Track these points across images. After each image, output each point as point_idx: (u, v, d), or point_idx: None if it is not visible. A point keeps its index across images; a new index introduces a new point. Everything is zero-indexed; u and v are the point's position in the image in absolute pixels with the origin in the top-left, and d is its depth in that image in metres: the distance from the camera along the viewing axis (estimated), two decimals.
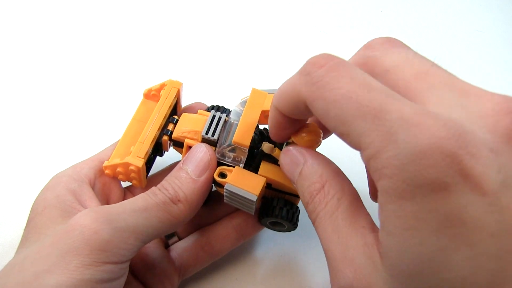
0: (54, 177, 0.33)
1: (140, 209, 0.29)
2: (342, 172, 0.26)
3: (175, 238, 0.37)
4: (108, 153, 0.35)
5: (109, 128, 0.46)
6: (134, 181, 0.35)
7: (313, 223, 0.26)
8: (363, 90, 0.20)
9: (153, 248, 0.36)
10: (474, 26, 0.61)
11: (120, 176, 0.34)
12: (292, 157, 0.28)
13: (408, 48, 0.24)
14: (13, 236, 0.28)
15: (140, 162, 0.33)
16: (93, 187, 0.33)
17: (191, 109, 0.39)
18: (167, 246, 0.37)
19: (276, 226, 0.36)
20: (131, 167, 0.33)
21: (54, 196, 0.31)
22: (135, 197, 0.30)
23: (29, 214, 0.31)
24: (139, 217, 0.28)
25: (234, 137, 0.30)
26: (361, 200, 0.25)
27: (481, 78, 0.55)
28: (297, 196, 0.34)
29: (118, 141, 0.36)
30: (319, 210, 0.25)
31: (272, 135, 0.29)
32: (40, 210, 0.30)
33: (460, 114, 0.19)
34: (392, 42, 0.25)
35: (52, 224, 0.29)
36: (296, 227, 0.35)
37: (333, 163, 0.27)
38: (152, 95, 0.38)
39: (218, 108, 0.38)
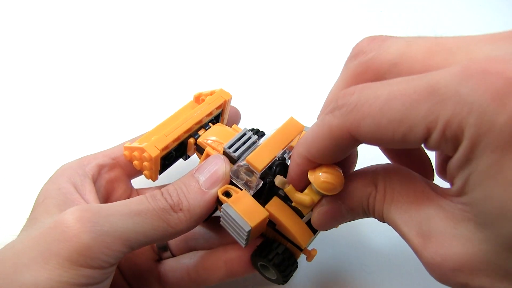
0: (59, 168, 0.32)
1: (132, 213, 0.26)
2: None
3: (168, 253, 0.35)
4: (118, 149, 0.34)
5: (109, 127, 0.47)
6: (146, 172, 0.34)
7: (382, 221, 0.24)
8: (402, 84, 0.20)
9: (144, 259, 0.34)
10: (474, 26, 0.61)
11: (135, 162, 0.34)
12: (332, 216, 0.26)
13: (396, 36, 0.23)
14: (16, 233, 0.29)
15: (155, 152, 0.31)
16: (95, 182, 0.32)
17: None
18: (159, 258, 0.35)
19: (266, 271, 0.32)
20: (145, 154, 0.32)
21: (56, 188, 0.30)
22: (131, 198, 0.28)
23: (33, 205, 0.30)
24: (130, 222, 0.26)
25: (249, 156, 0.28)
26: (404, 167, 0.24)
27: None
28: (300, 249, 0.30)
29: (131, 138, 0.35)
30: (382, 209, 0.24)
31: (292, 182, 0.27)
32: (40, 201, 0.30)
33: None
34: (379, 38, 0.24)
35: (48, 215, 0.28)
36: (286, 281, 0.31)
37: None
38: (201, 100, 0.37)
39: (257, 132, 0.36)
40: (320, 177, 0.25)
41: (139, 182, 0.37)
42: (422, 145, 0.21)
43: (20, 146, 0.45)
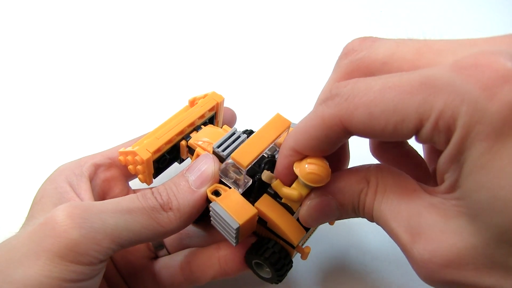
0: (57, 168, 0.33)
1: (122, 210, 0.27)
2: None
3: (164, 251, 0.35)
4: (116, 150, 0.35)
5: (108, 128, 0.48)
6: (140, 176, 0.34)
7: (372, 219, 0.24)
8: (396, 77, 0.20)
9: (139, 257, 0.34)
10: (474, 26, 0.62)
11: (129, 167, 0.34)
12: (322, 209, 0.26)
13: (386, 38, 0.24)
14: (16, 231, 0.30)
15: (146, 155, 0.32)
16: (91, 181, 0.33)
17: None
18: (156, 256, 0.35)
19: (260, 270, 0.32)
20: (137, 157, 0.32)
21: (53, 187, 0.31)
22: (122, 197, 0.28)
23: (31, 204, 0.31)
24: (120, 219, 0.26)
25: (234, 153, 0.28)
26: (397, 169, 0.24)
27: None
28: (293, 247, 0.30)
29: (129, 140, 0.36)
30: (372, 205, 0.24)
31: (279, 176, 0.27)
32: (38, 200, 0.30)
33: None
34: (369, 39, 0.25)
35: (44, 213, 0.29)
36: (280, 281, 0.31)
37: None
38: (195, 104, 0.38)
39: (250, 133, 0.36)
40: (306, 169, 0.25)
41: (138, 183, 0.37)
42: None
43: (21, 146, 0.46)
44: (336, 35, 0.59)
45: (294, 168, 0.26)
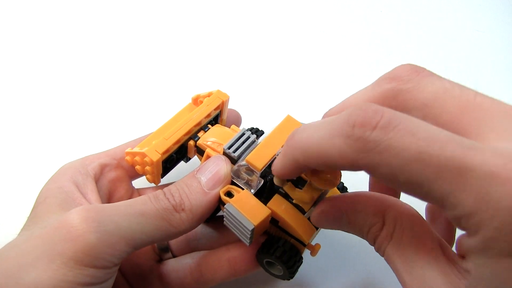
0: (61, 167, 0.32)
1: (136, 213, 0.27)
2: (383, 195, 0.25)
3: (169, 254, 0.35)
4: (121, 149, 0.35)
5: (110, 127, 0.48)
6: (148, 176, 0.34)
7: (382, 255, 0.24)
8: (434, 147, 0.18)
9: (145, 260, 0.34)
10: (474, 26, 0.62)
11: (137, 167, 0.34)
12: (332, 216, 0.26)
13: (440, 77, 0.23)
14: (16, 232, 0.28)
15: (156, 156, 0.32)
16: (97, 181, 0.32)
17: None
18: (160, 259, 0.35)
19: (271, 268, 0.32)
20: (146, 159, 0.32)
21: (57, 187, 0.30)
22: (134, 198, 0.28)
23: (34, 204, 0.30)
24: (134, 222, 0.26)
25: (248, 156, 0.28)
26: (419, 215, 0.24)
27: (481, 78, 0.55)
28: (304, 244, 0.31)
29: (133, 140, 0.36)
30: (385, 246, 0.23)
31: (278, 176, 0.27)
32: (42, 200, 0.30)
33: None
34: (420, 72, 0.23)
35: (50, 214, 0.28)
36: (292, 277, 0.32)
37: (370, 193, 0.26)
38: (199, 102, 0.38)
39: (256, 131, 0.36)
40: (319, 175, 0.26)
41: (140, 182, 0.38)
42: None
43: (22, 146, 0.45)
44: (336, 35, 0.59)
45: (309, 178, 0.26)
